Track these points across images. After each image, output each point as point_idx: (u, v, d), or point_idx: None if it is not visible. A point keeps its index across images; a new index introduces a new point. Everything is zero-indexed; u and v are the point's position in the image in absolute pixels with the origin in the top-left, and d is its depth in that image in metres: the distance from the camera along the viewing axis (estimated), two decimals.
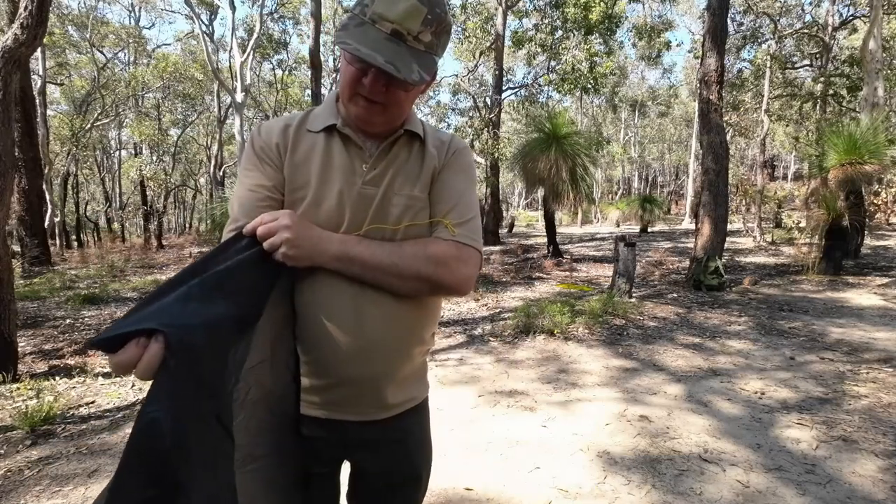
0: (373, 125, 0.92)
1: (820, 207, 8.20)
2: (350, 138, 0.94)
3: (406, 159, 0.97)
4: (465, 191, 1.01)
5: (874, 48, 9.96)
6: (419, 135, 0.98)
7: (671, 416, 3.01)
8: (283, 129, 0.95)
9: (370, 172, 0.93)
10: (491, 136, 14.99)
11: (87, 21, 18.78)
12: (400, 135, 0.96)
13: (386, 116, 0.91)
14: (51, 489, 2.24)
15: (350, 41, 0.80)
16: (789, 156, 34.07)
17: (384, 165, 0.94)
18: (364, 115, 0.90)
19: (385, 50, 0.80)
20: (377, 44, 0.80)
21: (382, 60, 0.79)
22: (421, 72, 0.83)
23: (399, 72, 0.79)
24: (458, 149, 1.03)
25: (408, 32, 0.82)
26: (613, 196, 36.62)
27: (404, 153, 0.97)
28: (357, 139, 0.93)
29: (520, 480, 2.31)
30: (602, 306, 5.61)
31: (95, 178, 26.46)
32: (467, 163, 1.04)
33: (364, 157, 0.94)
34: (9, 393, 3.32)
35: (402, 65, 0.80)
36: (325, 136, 0.95)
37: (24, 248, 9.45)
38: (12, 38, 3.44)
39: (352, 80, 0.87)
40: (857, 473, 2.32)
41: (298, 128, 0.96)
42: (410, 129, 0.97)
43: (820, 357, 4.10)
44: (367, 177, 0.93)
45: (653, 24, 19.22)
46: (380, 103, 0.87)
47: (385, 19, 0.81)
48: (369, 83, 0.84)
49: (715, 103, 7.70)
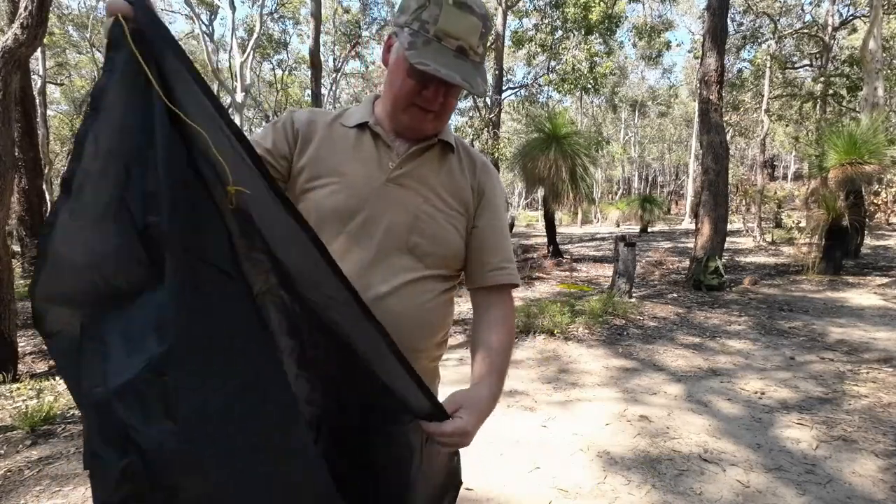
0: (424, 132, 0.95)
1: (820, 207, 8.20)
2: (380, 136, 0.96)
3: (437, 170, 0.99)
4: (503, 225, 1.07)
5: (874, 48, 9.96)
6: (451, 146, 1.01)
7: (671, 416, 3.01)
8: (309, 120, 0.98)
9: (396, 171, 0.94)
10: (491, 136, 14.97)
11: (87, 21, 18.77)
12: (433, 143, 0.98)
13: (437, 123, 0.94)
14: (51, 489, 2.24)
15: (428, 62, 0.82)
16: (789, 156, 34.07)
17: (412, 167, 0.96)
18: (418, 123, 0.93)
19: (457, 68, 0.84)
20: (449, 62, 0.84)
21: (460, 79, 0.83)
22: (483, 84, 0.88)
23: (473, 88, 0.84)
24: (495, 179, 1.07)
25: (470, 47, 0.86)
26: (613, 196, 36.62)
27: (436, 163, 0.99)
28: (387, 138, 0.96)
29: (520, 480, 2.31)
30: (602, 306, 5.61)
31: None
32: (502, 190, 1.10)
33: (392, 155, 0.95)
34: (9, 393, 3.32)
35: (472, 81, 0.85)
36: (356, 131, 0.97)
37: (24, 248, 9.44)
38: (12, 38, 3.44)
39: (410, 93, 0.89)
40: (857, 473, 2.32)
41: (332, 121, 0.99)
42: (444, 139, 0.99)
43: (820, 357, 4.10)
44: (393, 174, 0.94)
45: (653, 24, 19.21)
46: (434, 112, 0.91)
47: (450, 36, 0.84)
48: (431, 95, 0.88)
49: (715, 103, 7.70)
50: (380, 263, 0.90)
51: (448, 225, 0.97)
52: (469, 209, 1.01)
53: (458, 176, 1.01)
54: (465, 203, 1.01)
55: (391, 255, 0.91)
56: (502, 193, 1.09)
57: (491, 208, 1.03)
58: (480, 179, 1.04)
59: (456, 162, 1.02)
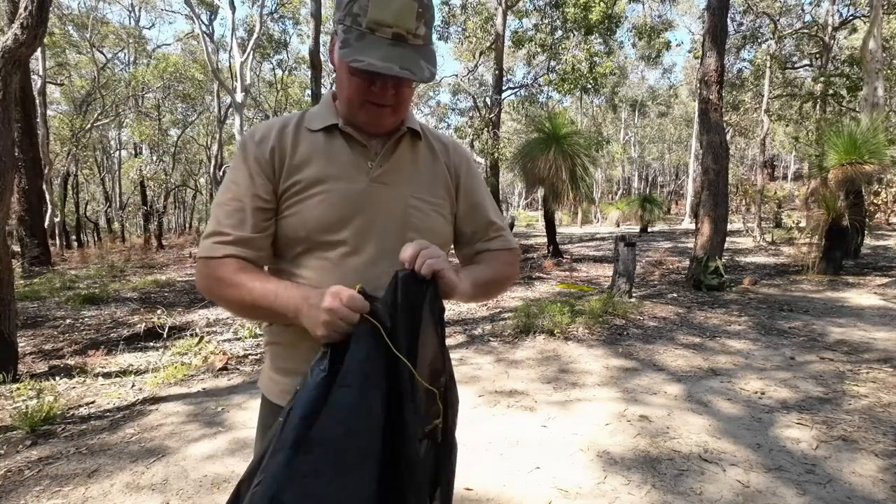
0: (383, 127, 0.94)
1: (820, 207, 8.20)
2: (353, 137, 0.94)
3: (413, 159, 0.99)
4: (490, 196, 1.10)
5: (874, 48, 9.96)
6: (419, 133, 1.00)
7: (671, 415, 3.01)
8: (279, 132, 0.94)
9: (377, 170, 0.93)
10: (491, 136, 14.97)
11: (87, 21, 18.76)
12: (403, 132, 0.97)
13: (395, 117, 0.92)
14: (51, 489, 2.24)
15: (361, 57, 0.79)
16: (789, 156, 34.06)
17: (391, 164, 0.95)
18: (377, 119, 0.91)
19: (395, 57, 0.80)
20: (385, 53, 0.80)
21: (398, 69, 0.80)
22: (429, 67, 0.84)
23: (415, 75, 0.81)
24: (467, 157, 1.08)
25: (407, 32, 0.82)
26: (613, 196, 36.62)
27: (410, 153, 0.99)
28: (361, 138, 0.94)
29: (520, 480, 2.31)
30: (602, 306, 5.61)
31: (95, 178, 26.43)
32: (473, 164, 1.10)
33: (370, 154, 0.94)
34: (9, 393, 3.32)
35: (414, 67, 0.81)
36: (325, 135, 0.94)
37: (24, 248, 9.44)
38: (12, 38, 3.44)
39: (360, 90, 0.87)
40: (857, 473, 2.32)
41: (297, 128, 0.95)
42: (411, 126, 0.98)
43: (820, 357, 4.10)
44: (375, 173, 0.93)
45: (653, 24, 19.19)
46: (390, 106, 0.89)
47: (383, 24, 0.81)
48: (379, 90, 0.85)
49: (715, 103, 7.70)
50: (380, 264, 0.90)
51: (436, 214, 0.98)
52: (451, 192, 1.02)
53: (433, 162, 1.01)
54: (447, 187, 1.01)
55: (390, 254, 0.89)
56: (477, 170, 1.10)
57: (471, 186, 1.05)
58: (455, 161, 1.04)
59: (426, 148, 1.02)
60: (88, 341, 4.72)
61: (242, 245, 0.89)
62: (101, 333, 5.05)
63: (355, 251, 0.90)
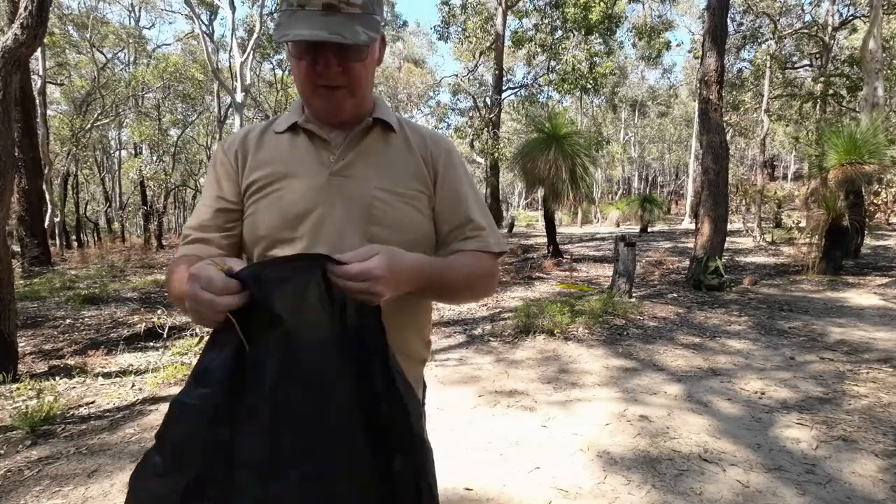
0: (343, 112, 0.90)
1: (820, 207, 8.20)
2: (314, 133, 0.92)
3: (383, 151, 0.94)
4: (475, 192, 1.01)
5: (874, 48, 9.96)
6: (392, 126, 0.96)
7: (671, 415, 3.01)
8: (243, 137, 0.96)
9: (339, 162, 0.91)
10: (491, 136, 14.99)
11: (87, 21, 18.75)
12: (370, 124, 0.93)
13: (353, 99, 0.89)
14: (51, 489, 2.24)
15: (289, 31, 0.78)
16: (789, 156, 34.06)
17: (354, 156, 0.92)
18: (333, 104, 0.88)
19: (325, 25, 0.78)
20: (315, 22, 0.78)
21: (327, 34, 0.77)
22: (367, 32, 0.81)
23: (346, 38, 0.78)
24: (448, 148, 1.00)
25: (339, 1, 0.80)
26: (613, 196, 36.62)
27: (380, 145, 0.95)
28: (322, 132, 0.92)
29: (520, 480, 2.31)
30: (602, 306, 5.61)
31: (95, 178, 26.42)
32: (461, 160, 1.03)
33: (331, 148, 0.92)
34: (9, 393, 3.32)
35: (346, 32, 0.79)
36: (290, 135, 0.94)
37: (24, 248, 9.45)
38: (12, 38, 3.44)
39: (307, 73, 0.84)
40: (857, 473, 2.32)
41: (262, 132, 0.96)
42: (380, 117, 0.94)
43: (820, 357, 4.10)
44: (336, 167, 0.90)
45: (653, 25, 19.21)
46: (343, 87, 0.86)
47: None
48: (323, 68, 0.82)
49: (715, 103, 7.70)
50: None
51: (408, 208, 0.91)
52: (428, 185, 0.95)
53: (407, 154, 0.96)
54: (423, 180, 0.95)
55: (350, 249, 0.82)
56: (461, 161, 1.02)
57: (451, 179, 0.98)
58: (433, 152, 0.98)
59: (401, 140, 0.97)
60: (88, 341, 4.72)
61: (200, 243, 0.90)
62: (101, 333, 5.05)
63: (311, 248, 0.87)
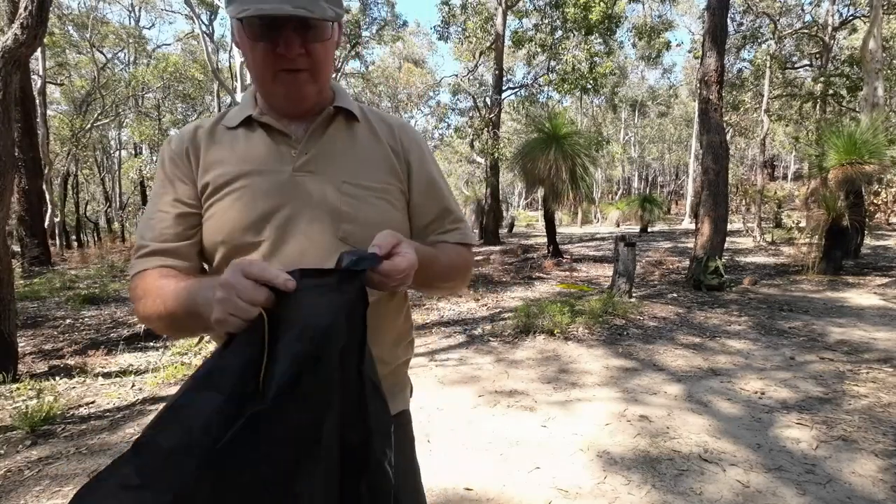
0: (305, 99, 0.84)
1: (820, 207, 8.20)
2: (272, 126, 0.85)
3: (349, 143, 0.89)
4: (446, 182, 0.99)
5: (874, 48, 9.97)
6: (354, 114, 0.90)
7: (671, 415, 3.01)
8: (193, 133, 0.88)
9: (301, 157, 0.84)
10: (491, 136, 15.00)
11: (87, 21, 18.76)
12: (331, 114, 0.88)
13: (315, 84, 0.82)
14: (51, 489, 2.24)
15: (248, 5, 0.72)
16: (789, 156, 34.06)
17: (318, 150, 0.86)
18: (295, 89, 0.81)
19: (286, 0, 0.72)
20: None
21: (291, 7, 0.71)
22: (332, 7, 0.76)
23: (312, 13, 0.72)
24: (416, 138, 0.96)
25: None
26: (613, 196, 36.61)
27: (344, 135, 0.89)
28: (280, 125, 0.85)
29: (520, 480, 2.31)
30: (602, 306, 5.61)
31: (95, 178, 26.44)
32: (427, 147, 0.98)
33: (291, 142, 0.85)
34: (9, 393, 3.32)
35: (311, 6, 0.72)
36: (244, 130, 0.87)
37: (24, 248, 9.46)
38: (12, 38, 3.44)
39: (265, 57, 0.77)
40: (857, 473, 2.32)
41: (212, 127, 0.89)
42: (341, 105, 0.88)
43: (820, 357, 4.10)
44: (298, 162, 0.84)
45: (653, 25, 19.21)
46: (305, 70, 0.79)
47: None
48: (285, 48, 0.75)
49: (715, 103, 7.70)
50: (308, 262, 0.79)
51: (379, 202, 0.86)
52: (400, 176, 0.90)
53: (374, 144, 0.90)
54: (393, 171, 0.90)
55: (321, 253, 0.79)
56: (431, 155, 0.98)
57: (425, 171, 0.94)
58: (403, 142, 0.93)
59: (366, 130, 0.91)
60: (88, 341, 4.72)
61: (164, 255, 0.82)
62: (101, 333, 5.05)
63: (277, 250, 0.80)
